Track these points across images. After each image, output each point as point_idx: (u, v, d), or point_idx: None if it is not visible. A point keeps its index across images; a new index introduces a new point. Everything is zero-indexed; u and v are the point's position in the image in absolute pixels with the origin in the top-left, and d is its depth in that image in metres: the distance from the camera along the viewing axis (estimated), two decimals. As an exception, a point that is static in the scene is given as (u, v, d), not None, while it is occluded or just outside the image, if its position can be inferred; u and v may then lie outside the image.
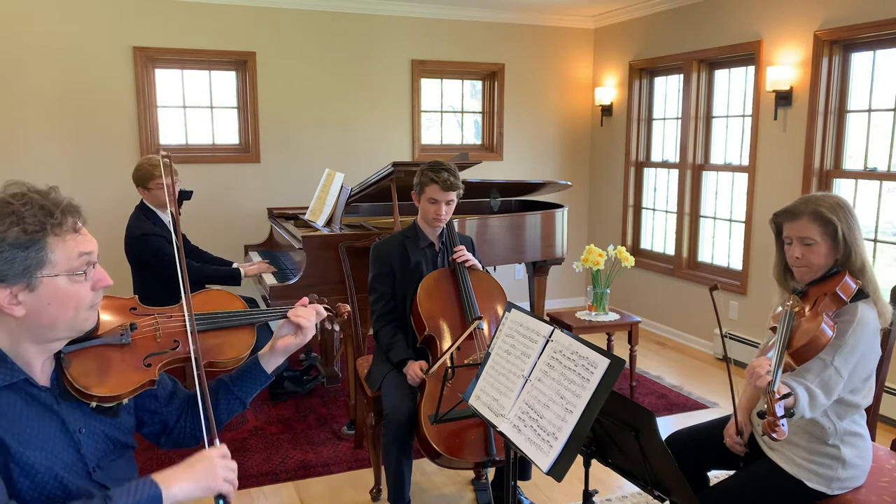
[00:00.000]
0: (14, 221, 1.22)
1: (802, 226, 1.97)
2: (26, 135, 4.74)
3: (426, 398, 2.52)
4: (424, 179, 2.80)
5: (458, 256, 2.85)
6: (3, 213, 1.23)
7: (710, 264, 5.31)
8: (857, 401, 2.00)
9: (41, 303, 1.25)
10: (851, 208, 2.00)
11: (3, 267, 1.21)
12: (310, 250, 3.64)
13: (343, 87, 5.49)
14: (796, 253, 2.00)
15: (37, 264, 1.24)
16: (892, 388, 3.69)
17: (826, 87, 4.21)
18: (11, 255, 1.22)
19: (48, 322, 1.27)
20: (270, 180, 5.30)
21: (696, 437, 2.30)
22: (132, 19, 4.88)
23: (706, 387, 4.46)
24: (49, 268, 1.25)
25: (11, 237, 1.21)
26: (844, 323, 1.91)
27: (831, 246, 1.96)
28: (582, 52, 6.25)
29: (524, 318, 1.93)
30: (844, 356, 1.88)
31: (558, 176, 6.25)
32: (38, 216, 1.24)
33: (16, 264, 1.22)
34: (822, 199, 1.99)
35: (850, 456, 1.99)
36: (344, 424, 3.76)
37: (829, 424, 1.98)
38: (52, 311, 1.27)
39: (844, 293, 1.89)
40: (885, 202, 4.03)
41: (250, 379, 1.61)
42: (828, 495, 2.00)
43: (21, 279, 1.23)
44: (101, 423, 1.40)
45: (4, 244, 1.21)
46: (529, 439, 1.70)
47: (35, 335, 1.29)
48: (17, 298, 1.24)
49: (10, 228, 1.21)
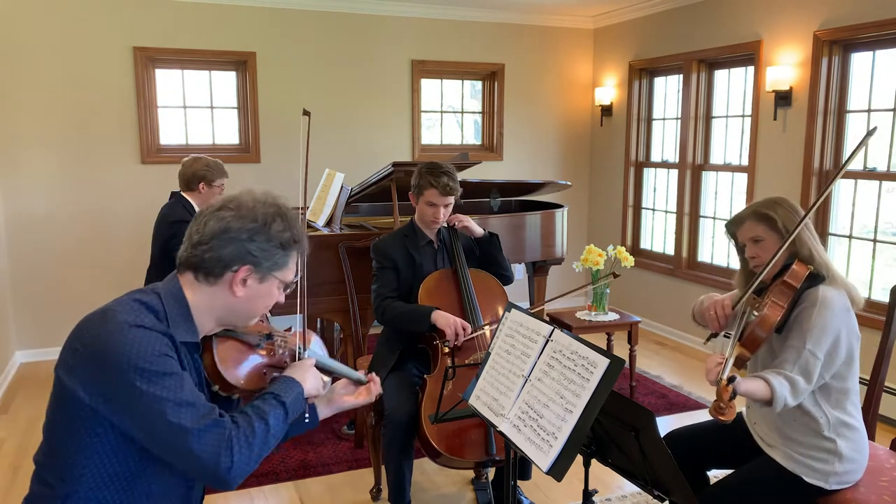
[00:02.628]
0: (287, 227, 1.47)
1: (748, 228, 2.13)
2: (27, 135, 4.74)
3: (426, 398, 2.52)
4: (423, 182, 2.78)
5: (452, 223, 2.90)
6: (283, 216, 1.47)
7: (709, 264, 5.31)
8: (846, 385, 2.04)
9: (258, 294, 1.46)
10: (791, 202, 2.13)
11: (264, 256, 1.44)
12: (310, 250, 3.64)
13: (343, 88, 5.50)
14: (751, 253, 2.13)
15: (280, 265, 1.47)
16: (892, 388, 3.69)
17: (826, 87, 4.21)
18: (275, 251, 1.45)
19: (246, 310, 1.48)
20: (270, 180, 5.30)
21: (694, 437, 2.31)
22: (132, 19, 4.89)
23: (706, 387, 4.46)
24: (282, 272, 1.49)
25: (284, 238, 1.46)
26: (806, 308, 1.98)
27: (777, 239, 2.06)
28: (582, 53, 6.25)
29: (524, 318, 1.93)
30: (816, 338, 1.93)
31: (558, 176, 6.25)
32: (299, 231, 1.51)
33: (272, 258, 1.45)
34: (760, 201, 2.15)
35: (846, 450, 2.01)
36: (344, 424, 3.76)
37: (820, 415, 2.01)
38: (256, 303, 1.48)
39: (793, 279, 1.98)
40: (884, 202, 4.03)
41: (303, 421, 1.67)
42: (826, 490, 2.01)
43: (265, 270, 1.45)
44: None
45: (276, 240, 1.45)
46: (529, 439, 1.70)
47: (225, 314, 1.47)
48: (246, 282, 1.43)
49: (285, 231, 1.46)
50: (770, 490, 2.03)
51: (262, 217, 1.43)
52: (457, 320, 2.62)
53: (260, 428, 1.36)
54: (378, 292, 2.84)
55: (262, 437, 1.36)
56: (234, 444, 1.31)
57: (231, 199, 1.47)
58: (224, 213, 1.43)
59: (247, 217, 1.43)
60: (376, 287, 2.86)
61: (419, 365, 2.81)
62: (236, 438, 1.31)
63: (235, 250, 1.41)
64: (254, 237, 1.42)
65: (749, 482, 2.05)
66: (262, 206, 1.46)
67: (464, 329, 2.62)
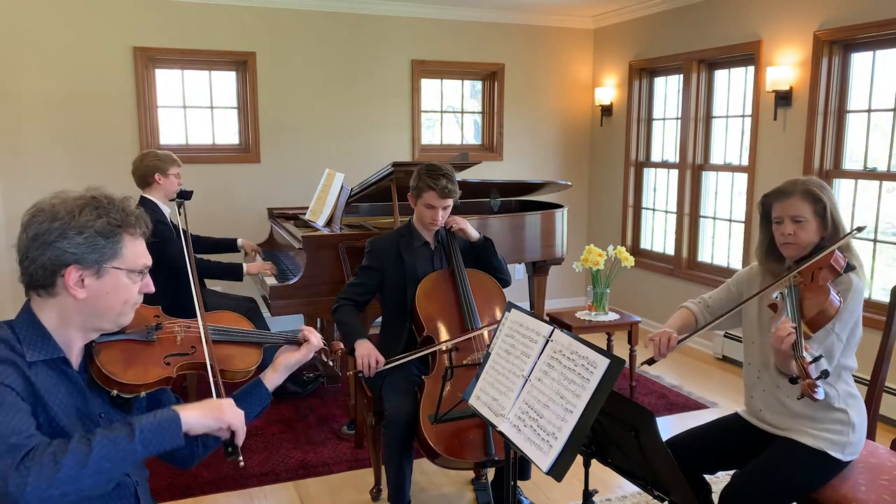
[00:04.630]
0: (100, 214, 1.39)
1: (793, 204, 2.05)
2: (27, 134, 4.74)
3: (426, 398, 2.52)
4: (421, 185, 2.78)
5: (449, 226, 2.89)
6: (91, 206, 1.39)
7: (709, 264, 5.31)
8: (850, 363, 2.10)
9: (102, 290, 1.40)
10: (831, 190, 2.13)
11: (84, 250, 1.37)
12: (310, 250, 3.64)
13: (343, 87, 5.49)
14: (788, 230, 2.06)
15: (111, 255, 1.40)
16: (892, 388, 3.69)
17: (826, 88, 4.21)
18: (94, 240, 1.37)
19: (100, 310, 1.41)
20: (270, 180, 5.30)
21: (693, 441, 2.29)
22: (132, 19, 4.89)
23: (706, 387, 4.46)
24: (118, 261, 1.41)
25: (98, 225, 1.38)
26: (842, 292, 1.99)
27: (820, 223, 2.05)
28: (582, 53, 6.25)
29: (524, 318, 1.93)
30: (844, 322, 1.99)
31: (558, 176, 6.25)
32: (119, 214, 1.42)
33: (96, 250, 1.38)
34: (810, 179, 2.11)
35: (856, 419, 2.06)
36: (344, 424, 3.76)
37: (830, 389, 2.04)
38: (107, 300, 1.41)
39: (838, 265, 1.97)
40: (884, 202, 4.03)
41: (252, 397, 1.68)
42: (842, 463, 2.05)
43: (94, 265, 1.38)
44: (117, 416, 1.50)
45: (91, 230, 1.37)
46: (529, 439, 1.70)
47: (83, 321, 1.42)
48: (83, 282, 1.38)
49: (98, 219, 1.38)
50: (797, 472, 2.02)
51: (65, 212, 1.37)
52: (371, 354, 2.60)
53: (76, 452, 1.22)
54: (347, 290, 2.89)
55: (76, 461, 1.21)
56: (33, 466, 1.19)
57: (37, 205, 1.40)
58: (31, 221, 1.38)
59: (52, 217, 1.36)
60: (350, 283, 2.92)
61: (419, 365, 2.81)
62: (37, 461, 1.19)
63: (53, 254, 1.35)
64: (65, 234, 1.36)
65: (773, 469, 2.03)
66: (66, 202, 1.39)
67: (377, 362, 2.60)
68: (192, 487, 3.12)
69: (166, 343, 1.58)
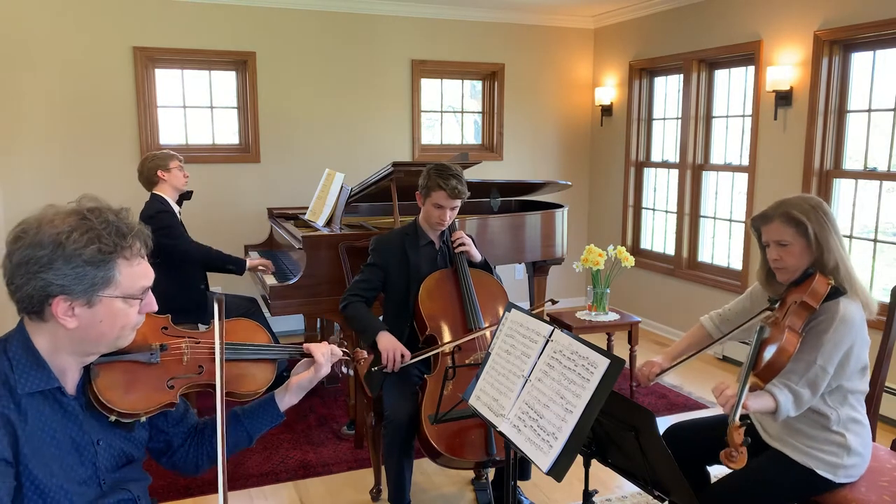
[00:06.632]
0: (92, 239, 1.25)
1: (775, 228, 2.03)
2: (27, 134, 4.74)
3: (426, 398, 2.52)
4: (432, 184, 2.78)
5: (455, 241, 2.87)
6: (82, 228, 1.26)
7: (709, 264, 5.31)
8: (858, 387, 2.04)
9: (94, 319, 1.29)
10: (826, 208, 2.04)
11: (72, 281, 1.24)
12: (310, 250, 3.64)
13: (343, 87, 5.49)
14: (773, 255, 2.05)
15: (103, 283, 1.28)
16: (892, 388, 3.69)
17: (826, 87, 4.21)
18: (83, 271, 1.25)
19: (94, 337, 1.31)
20: (270, 180, 5.30)
21: (697, 431, 2.30)
22: (132, 19, 4.88)
23: (706, 387, 4.46)
24: (112, 288, 1.29)
25: (88, 254, 1.25)
26: (824, 322, 1.95)
27: (805, 246, 2.00)
28: (582, 52, 6.25)
29: (524, 318, 1.93)
30: (828, 354, 1.92)
31: (558, 176, 6.25)
32: (113, 237, 1.28)
33: (84, 280, 1.25)
34: (794, 201, 2.04)
35: (855, 444, 2.02)
36: (344, 424, 3.76)
37: (830, 412, 2.01)
38: (101, 328, 1.30)
39: (813, 299, 1.92)
40: (885, 202, 4.02)
41: (263, 415, 1.63)
42: (834, 484, 2.01)
43: (84, 295, 1.26)
44: (117, 437, 1.43)
45: (79, 260, 1.24)
46: (529, 439, 1.70)
47: (77, 347, 1.32)
48: (73, 311, 1.27)
49: (88, 245, 1.25)
50: (780, 482, 2.02)
51: (51, 240, 1.23)
52: (397, 348, 2.60)
53: None
54: (354, 286, 2.90)
55: None
56: None
57: (22, 224, 1.28)
58: (16, 247, 1.25)
59: (36, 244, 1.23)
60: (356, 279, 2.93)
61: (419, 365, 2.81)
62: None
63: (38, 284, 1.23)
64: (52, 264, 1.23)
65: (758, 475, 2.03)
66: (52, 225, 1.25)
67: (402, 357, 2.59)
68: (192, 487, 3.12)
69: (171, 365, 1.46)
